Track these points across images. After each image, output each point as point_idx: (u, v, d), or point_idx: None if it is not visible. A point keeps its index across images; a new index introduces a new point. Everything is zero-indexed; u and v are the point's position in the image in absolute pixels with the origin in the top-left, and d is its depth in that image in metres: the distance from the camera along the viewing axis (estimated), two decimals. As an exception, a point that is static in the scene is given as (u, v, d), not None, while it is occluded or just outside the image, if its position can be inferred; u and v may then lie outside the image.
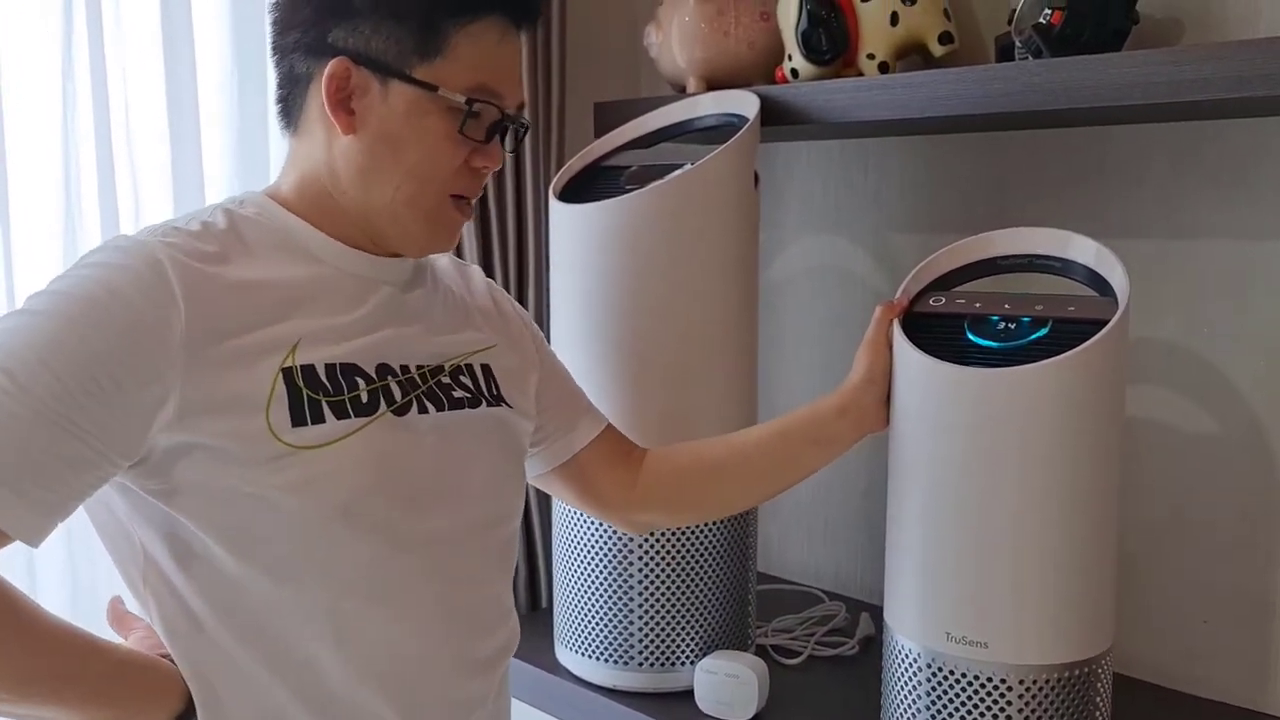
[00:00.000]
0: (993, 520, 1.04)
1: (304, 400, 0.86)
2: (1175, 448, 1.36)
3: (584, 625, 1.38)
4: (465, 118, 0.91)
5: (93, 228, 1.32)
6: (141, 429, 0.81)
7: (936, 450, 1.07)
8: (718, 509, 1.27)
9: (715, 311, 1.32)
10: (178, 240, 0.86)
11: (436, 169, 0.92)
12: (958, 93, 1.24)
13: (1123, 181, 1.38)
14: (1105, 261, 1.09)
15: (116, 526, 0.88)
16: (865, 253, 1.65)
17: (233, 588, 0.86)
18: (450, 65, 0.90)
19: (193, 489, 0.84)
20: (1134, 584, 1.39)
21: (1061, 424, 1.01)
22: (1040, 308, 1.08)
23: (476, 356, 1.03)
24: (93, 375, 0.78)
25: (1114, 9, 1.20)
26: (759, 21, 1.52)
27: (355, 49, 0.90)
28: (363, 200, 0.93)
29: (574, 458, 1.16)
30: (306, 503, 0.85)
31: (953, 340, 1.09)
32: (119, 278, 0.81)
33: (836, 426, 1.14)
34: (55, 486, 0.78)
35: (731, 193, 1.31)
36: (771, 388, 1.74)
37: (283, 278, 0.89)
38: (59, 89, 1.29)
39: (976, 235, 1.17)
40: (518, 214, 1.66)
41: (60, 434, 0.77)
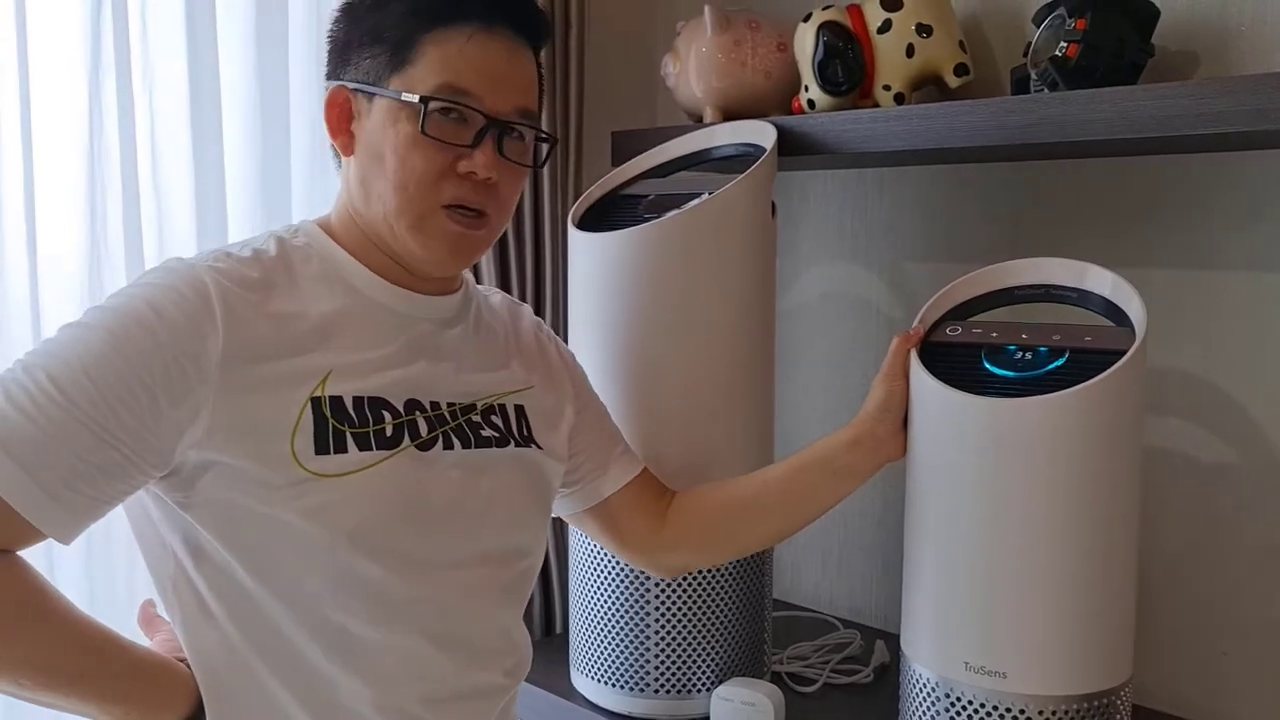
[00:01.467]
0: (1011, 550, 1.04)
1: (329, 430, 0.89)
2: (1194, 478, 1.36)
3: (600, 651, 1.38)
4: (424, 117, 0.91)
5: (117, 247, 1.34)
6: (172, 442, 0.85)
7: (954, 479, 1.07)
8: (744, 547, 1.28)
9: (732, 340, 1.33)
10: (226, 266, 0.90)
11: (412, 175, 0.93)
12: (974, 124, 1.25)
13: (1138, 212, 1.39)
14: (1122, 292, 1.09)
15: (152, 532, 0.92)
16: (880, 281, 1.66)
17: (249, 600, 0.89)
18: (419, 72, 0.93)
19: (213, 504, 0.87)
20: (1153, 615, 1.38)
21: (1080, 454, 1.02)
22: (1057, 338, 1.09)
23: (511, 397, 1.05)
24: (130, 388, 0.82)
25: (1130, 42, 1.21)
26: (775, 52, 1.54)
27: (350, 76, 0.96)
28: (370, 219, 0.96)
29: (606, 500, 1.18)
30: (319, 528, 0.88)
31: (970, 370, 1.09)
32: (164, 298, 0.86)
33: (853, 457, 1.15)
34: (87, 490, 0.82)
35: (749, 222, 1.32)
36: (786, 415, 1.74)
37: (321, 309, 0.93)
38: (85, 114, 1.31)
39: (993, 265, 1.18)
40: (535, 242, 1.67)
41: (96, 441, 0.81)
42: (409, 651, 0.95)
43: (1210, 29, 1.29)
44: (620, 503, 1.18)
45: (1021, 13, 1.43)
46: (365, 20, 0.95)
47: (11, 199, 1.26)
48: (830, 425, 1.18)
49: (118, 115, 1.33)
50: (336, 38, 0.98)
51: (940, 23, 1.38)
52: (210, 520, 0.88)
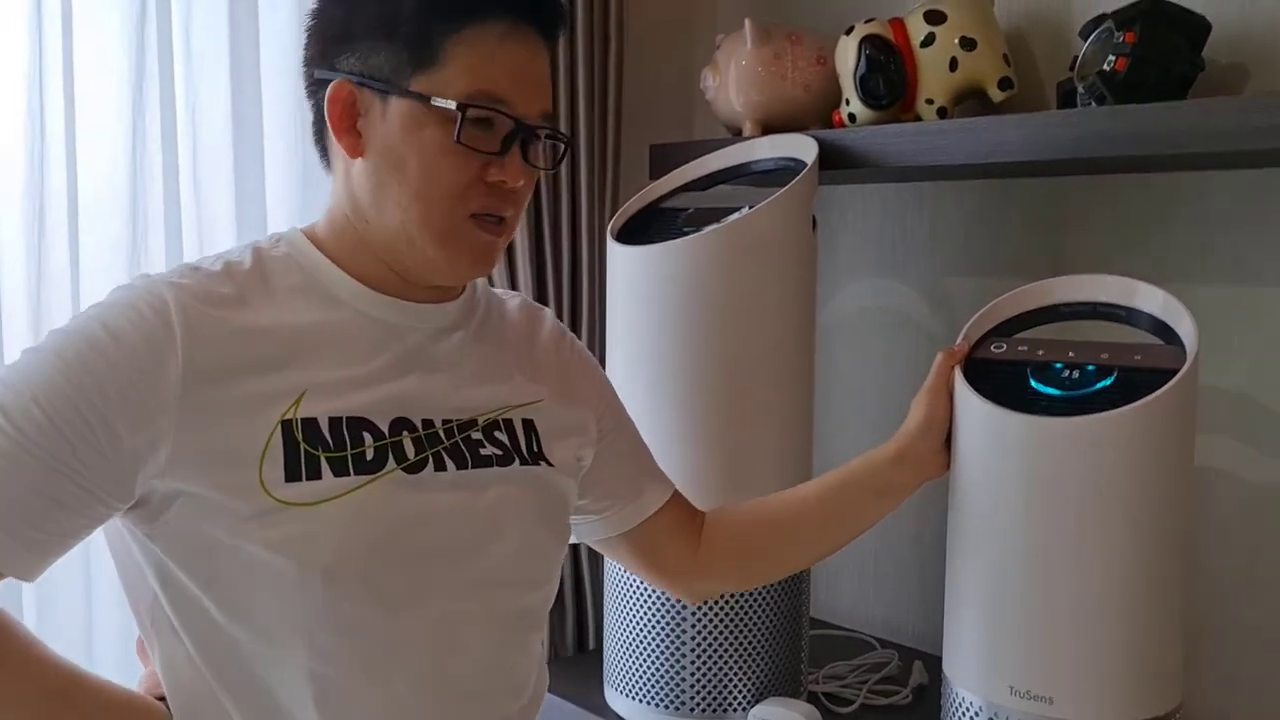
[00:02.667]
0: (1059, 571, 1.02)
1: (301, 455, 0.82)
2: (1244, 500, 1.34)
3: (635, 668, 1.37)
4: (460, 125, 0.85)
5: (158, 254, 1.35)
6: (132, 472, 0.79)
7: (1000, 499, 1.05)
8: (781, 570, 1.24)
9: (771, 355, 1.31)
10: (190, 281, 0.84)
11: (440, 184, 0.86)
12: (1021, 138, 1.23)
13: (1185, 228, 1.36)
14: (1172, 310, 1.07)
15: (131, 564, 0.87)
16: (919, 296, 1.64)
17: (220, 636, 0.83)
18: (446, 73, 0.85)
19: (181, 536, 0.82)
20: (1204, 640, 1.35)
21: (1130, 475, 1.00)
22: (1105, 356, 1.06)
23: (518, 411, 0.96)
24: (83, 416, 0.77)
25: (1180, 56, 1.20)
26: (815, 65, 1.53)
27: (356, 70, 0.87)
28: (380, 227, 0.89)
29: (639, 525, 1.11)
30: (289, 561, 0.81)
31: (1015, 388, 1.07)
32: (120, 318, 0.80)
33: (894, 474, 1.12)
34: (46, 526, 0.77)
35: (790, 237, 1.31)
36: (825, 430, 1.72)
37: (297, 323, 0.86)
38: (129, 123, 1.32)
39: (1038, 281, 1.16)
40: (573, 255, 1.67)
41: (50, 474, 0.76)
42: (395, 699, 0.87)
43: (1261, 42, 1.27)
44: (654, 527, 1.11)
45: (1067, 26, 1.42)
46: (369, 7, 0.87)
47: (55, 209, 1.27)
48: (869, 441, 1.16)
49: (160, 124, 1.34)
50: (329, 22, 0.89)
51: (984, 36, 1.36)
52: (179, 553, 0.82)
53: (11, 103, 1.24)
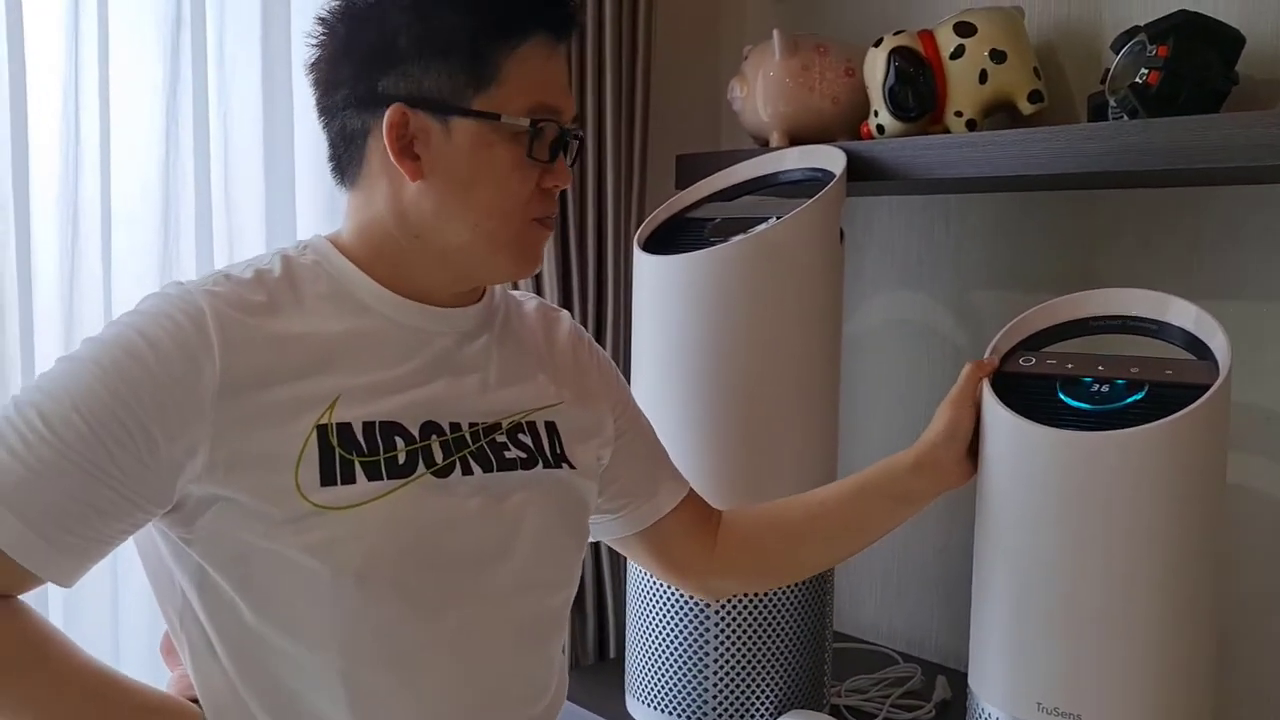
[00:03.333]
0: (1086, 587, 1.01)
1: (336, 460, 0.84)
2: (1276, 518, 1.32)
3: (657, 679, 1.37)
4: (531, 140, 0.88)
5: (189, 261, 1.36)
6: (171, 478, 0.80)
7: (1028, 514, 1.04)
8: (795, 572, 1.24)
9: (797, 365, 1.31)
10: (224, 289, 0.85)
11: (512, 198, 0.90)
12: (1051, 151, 1.23)
13: (1216, 243, 1.35)
14: (1205, 325, 1.06)
15: (161, 567, 0.88)
16: (946, 308, 1.64)
17: (252, 639, 0.84)
18: (506, 91, 0.87)
19: (216, 539, 0.83)
20: (1235, 659, 1.34)
21: (1160, 491, 0.99)
22: (1136, 370, 1.05)
23: (540, 414, 0.98)
24: (122, 423, 0.78)
25: (1213, 70, 1.19)
26: (844, 77, 1.53)
27: (408, 93, 0.87)
28: (439, 242, 0.90)
29: (655, 524, 1.12)
30: (325, 564, 0.83)
31: (1045, 401, 1.06)
32: (156, 326, 0.81)
33: (913, 482, 1.11)
34: (84, 531, 0.78)
35: (817, 247, 1.30)
36: (850, 440, 1.72)
37: (328, 330, 0.87)
38: (161, 133, 1.34)
39: (1068, 295, 1.15)
40: (598, 264, 1.68)
41: (90, 480, 0.77)
42: (425, 701, 0.88)
43: (1295, 57, 1.26)
44: (670, 526, 1.12)
45: (1097, 39, 1.41)
46: (414, 29, 0.87)
47: (89, 215, 1.29)
48: (893, 452, 1.16)
49: (192, 132, 1.35)
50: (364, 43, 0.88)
51: (1014, 49, 1.36)
52: (215, 557, 0.83)
53: (48, 110, 1.26)
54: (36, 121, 1.24)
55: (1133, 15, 1.36)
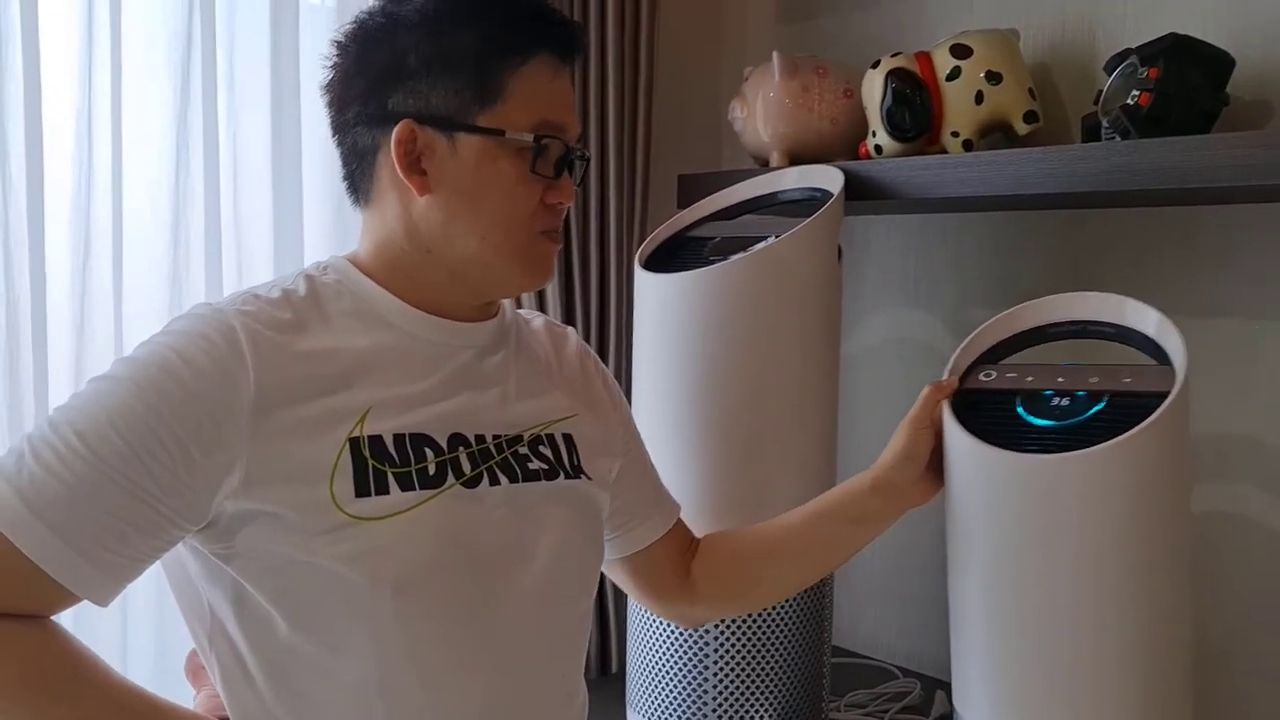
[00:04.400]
0: (1057, 610, 0.99)
1: (369, 471, 0.85)
2: (1266, 544, 1.33)
3: (658, 693, 1.38)
4: (535, 156, 0.91)
5: (198, 277, 1.38)
6: (208, 494, 0.81)
7: (993, 537, 1.03)
8: (761, 599, 1.24)
9: (796, 383, 1.33)
10: (254, 308, 0.86)
11: (517, 212, 0.92)
12: (1045, 171, 1.25)
13: (1208, 261, 1.37)
14: (1161, 328, 1.03)
15: (188, 585, 0.89)
16: (943, 327, 1.66)
17: (287, 654, 0.85)
18: (511, 108, 0.90)
19: (253, 554, 0.83)
20: (1225, 683, 1.35)
21: (1125, 509, 0.96)
22: (1095, 380, 1.03)
23: (558, 426, 1.00)
24: (160, 440, 0.79)
25: (1203, 91, 1.21)
26: (842, 98, 1.55)
27: (416, 110, 0.89)
28: (450, 255, 0.92)
29: (644, 549, 1.13)
30: (362, 575, 0.84)
31: (1005, 420, 1.04)
32: (192, 345, 0.82)
33: (872, 504, 1.11)
34: (122, 549, 0.79)
35: (816, 266, 1.32)
36: (849, 458, 1.73)
37: (356, 346, 0.89)
38: (172, 151, 1.36)
39: (1026, 303, 1.13)
40: (601, 282, 1.70)
41: (128, 498, 0.78)
42: (461, 709, 0.89)
43: (1285, 79, 1.28)
44: (655, 552, 1.13)
45: (1091, 60, 1.43)
46: (424, 47, 0.89)
47: (100, 234, 1.31)
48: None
49: (203, 153, 1.38)
50: (375, 61, 0.91)
51: (1010, 70, 1.38)
52: (252, 571, 0.84)
53: (61, 131, 1.28)
54: (50, 143, 1.27)
55: (1125, 38, 1.38)
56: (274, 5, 1.43)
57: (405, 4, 0.91)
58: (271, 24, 1.43)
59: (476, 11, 0.91)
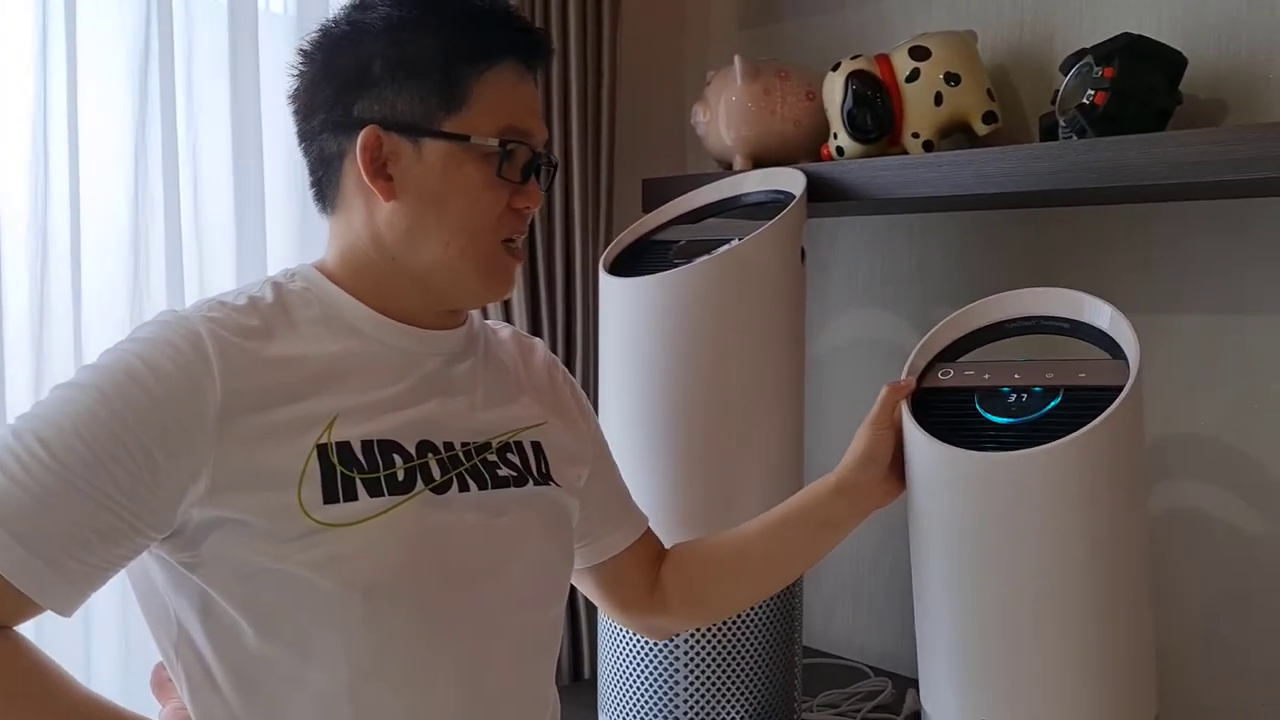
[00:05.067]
0: (1020, 602, 1.00)
1: (337, 477, 0.85)
2: (1228, 539, 1.35)
3: (629, 699, 1.38)
4: (500, 160, 0.91)
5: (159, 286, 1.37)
6: (173, 501, 0.81)
7: (956, 536, 1.03)
8: (729, 606, 1.24)
9: (762, 384, 1.33)
10: (221, 315, 0.86)
11: (482, 217, 0.92)
12: (1004, 170, 1.26)
13: (1165, 257, 1.39)
14: (1114, 322, 1.04)
15: (154, 595, 0.88)
16: (909, 326, 1.67)
17: (255, 662, 0.84)
18: (476, 113, 0.90)
19: (220, 562, 0.83)
20: (1187, 676, 1.36)
21: (1083, 502, 0.97)
22: (1051, 375, 1.04)
23: (527, 433, 1.00)
24: (126, 448, 0.78)
25: (1158, 90, 1.22)
26: (804, 101, 1.56)
27: (382, 116, 0.90)
28: (414, 262, 0.92)
29: (611, 559, 1.13)
30: (332, 581, 0.84)
31: (963, 417, 1.05)
32: (157, 352, 0.82)
33: (836, 507, 1.11)
34: (86, 557, 0.78)
35: (779, 268, 1.33)
36: (816, 461, 1.74)
37: (323, 352, 0.89)
38: (131, 162, 1.35)
39: (981, 299, 1.14)
40: (566, 287, 1.70)
41: (92, 505, 0.78)
42: (432, 715, 0.89)
43: (1238, 77, 1.29)
44: (623, 562, 1.13)
45: (1049, 61, 1.45)
46: (389, 53, 0.90)
47: (58, 245, 1.30)
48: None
49: (161, 163, 1.37)
50: (340, 68, 0.91)
51: (968, 71, 1.39)
52: (219, 579, 0.83)
53: (17, 143, 1.27)
54: (5, 155, 1.26)
55: (1081, 38, 1.39)
56: (232, 14, 1.42)
57: (370, 11, 0.91)
58: (230, 33, 1.43)
59: (441, 18, 0.91)
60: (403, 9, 0.91)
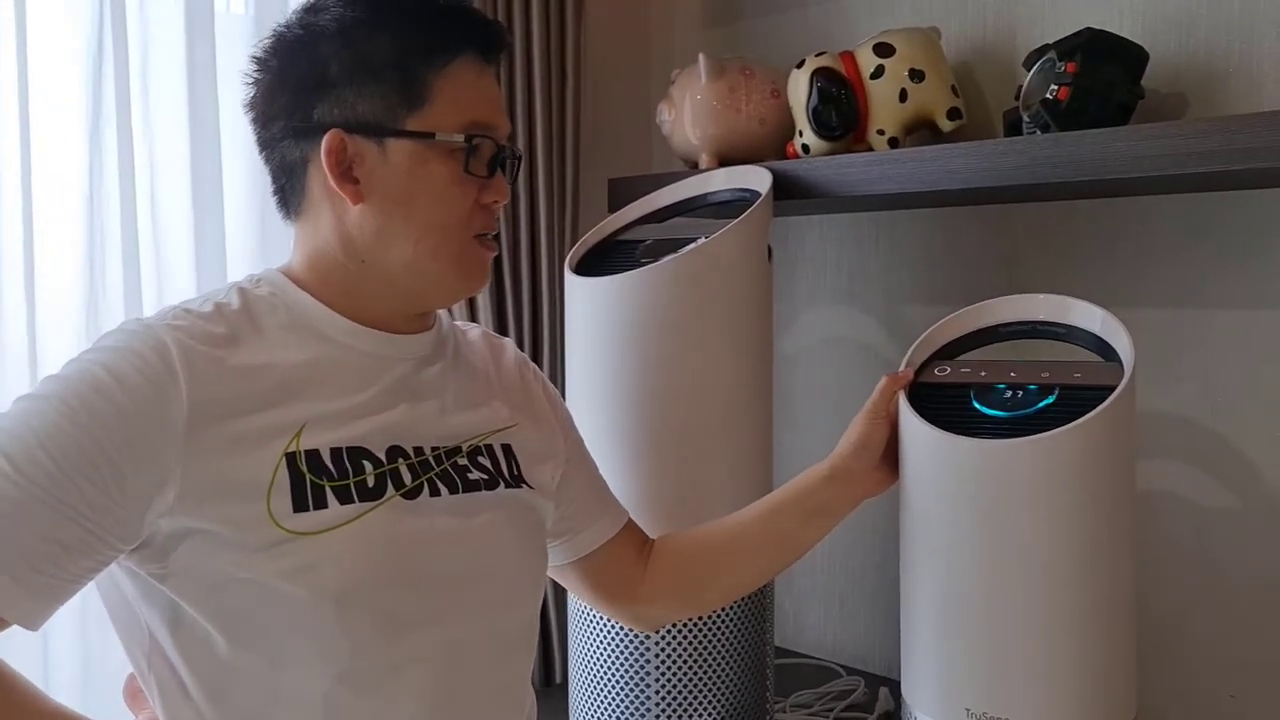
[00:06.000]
0: (1007, 591, 1.02)
1: (307, 486, 0.84)
2: (1197, 520, 1.36)
3: (600, 702, 1.36)
4: (467, 155, 0.90)
5: (115, 293, 1.34)
6: (140, 513, 0.80)
7: (948, 523, 1.05)
8: (722, 595, 1.24)
9: (730, 383, 1.32)
10: (186, 323, 0.85)
11: (451, 213, 0.91)
12: (968, 166, 1.26)
13: (1131, 252, 1.39)
14: (1110, 327, 1.07)
15: (125, 607, 0.87)
16: (877, 324, 1.66)
17: (227, 671, 0.84)
18: (438, 109, 0.89)
19: (190, 573, 0.82)
20: (1161, 658, 1.37)
21: (1075, 492, 1.00)
22: (1046, 375, 1.07)
23: (497, 436, 1.00)
24: (90, 459, 0.77)
25: (1120, 85, 1.23)
26: (770, 99, 1.56)
27: (344, 119, 0.89)
28: (385, 263, 0.91)
29: (594, 552, 1.13)
30: (303, 589, 0.83)
31: (959, 410, 1.07)
32: (122, 362, 0.81)
33: (828, 494, 1.12)
34: (53, 571, 0.77)
35: (745, 266, 1.32)
36: (785, 458, 1.73)
37: (291, 359, 0.88)
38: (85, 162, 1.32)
39: (979, 303, 1.17)
40: (533, 288, 1.68)
41: (58, 518, 0.77)
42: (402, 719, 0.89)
43: (1198, 71, 1.30)
44: (606, 555, 1.13)
45: (1012, 57, 1.45)
46: (345, 55, 0.89)
47: (10, 246, 1.27)
48: (829, 469, 1.17)
49: (117, 168, 1.34)
50: (296, 72, 0.90)
51: (932, 68, 1.39)
52: (189, 590, 0.82)
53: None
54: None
55: (1044, 34, 1.40)
56: (188, 15, 1.40)
57: (322, 13, 0.90)
58: (186, 35, 1.40)
59: (394, 16, 0.90)
60: (355, 9, 0.90)
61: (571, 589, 1.19)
